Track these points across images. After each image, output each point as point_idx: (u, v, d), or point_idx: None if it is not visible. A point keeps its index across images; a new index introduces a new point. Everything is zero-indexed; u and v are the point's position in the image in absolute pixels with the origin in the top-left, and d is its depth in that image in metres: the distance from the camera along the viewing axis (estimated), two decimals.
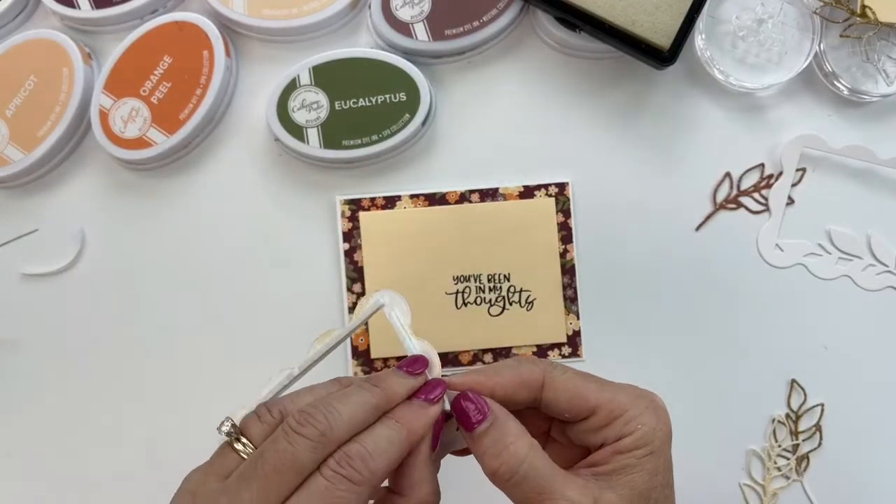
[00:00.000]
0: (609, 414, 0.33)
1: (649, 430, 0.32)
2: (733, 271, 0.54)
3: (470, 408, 0.33)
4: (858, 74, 0.52)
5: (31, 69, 0.53)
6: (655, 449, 0.32)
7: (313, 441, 0.31)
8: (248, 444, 0.32)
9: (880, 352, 0.53)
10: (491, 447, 0.33)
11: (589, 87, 0.54)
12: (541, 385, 0.34)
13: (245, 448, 0.32)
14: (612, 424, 0.33)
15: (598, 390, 0.34)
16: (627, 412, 0.33)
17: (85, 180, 0.55)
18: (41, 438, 0.54)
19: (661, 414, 0.33)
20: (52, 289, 0.54)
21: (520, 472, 0.32)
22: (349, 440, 0.32)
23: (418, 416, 0.34)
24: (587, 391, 0.33)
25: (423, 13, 0.52)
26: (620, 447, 0.32)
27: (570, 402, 0.34)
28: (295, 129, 0.52)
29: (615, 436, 0.33)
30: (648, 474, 0.32)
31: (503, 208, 0.53)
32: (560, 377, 0.34)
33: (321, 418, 0.31)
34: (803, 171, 0.54)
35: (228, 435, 0.33)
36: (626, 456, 0.32)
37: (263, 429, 0.33)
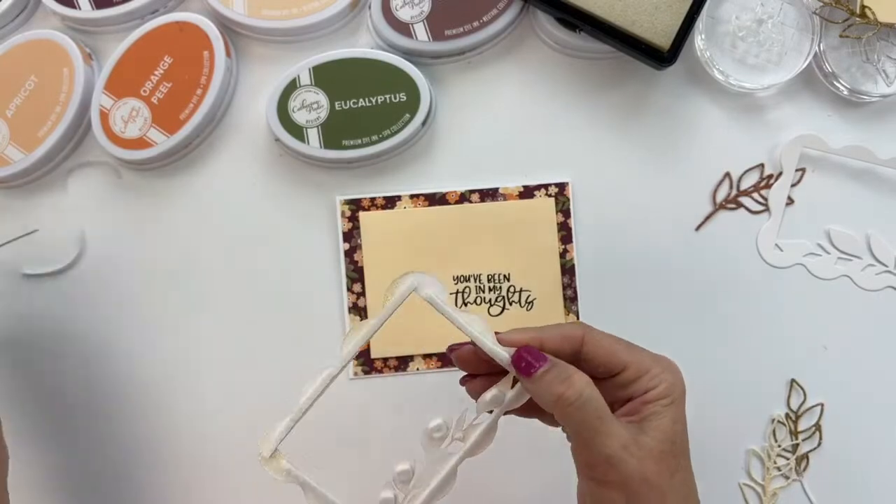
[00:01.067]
0: (637, 371, 0.38)
1: (670, 384, 0.38)
2: (733, 271, 0.54)
3: (529, 358, 0.38)
4: (858, 75, 0.52)
5: (32, 69, 0.53)
6: (675, 399, 0.38)
7: None
8: None
9: (880, 352, 0.53)
10: (555, 379, 0.37)
11: (589, 87, 0.54)
12: (581, 341, 0.39)
13: None
14: (639, 380, 0.38)
15: (627, 351, 0.39)
16: (651, 370, 0.38)
17: (85, 180, 0.55)
18: (41, 438, 0.54)
19: (677, 372, 0.39)
20: (52, 289, 0.54)
21: (584, 396, 0.36)
22: None
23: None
24: (619, 350, 0.39)
25: (423, 13, 0.52)
26: (648, 398, 0.38)
27: (606, 357, 0.38)
28: (295, 130, 0.52)
29: (643, 389, 0.38)
30: (671, 420, 0.37)
31: (503, 208, 0.53)
32: (598, 335, 0.39)
33: None
34: (803, 171, 0.54)
35: None
36: (654, 405, 0.37)
37: None
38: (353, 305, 0.53)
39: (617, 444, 0.36)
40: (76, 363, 0.54)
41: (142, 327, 0.54)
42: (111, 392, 0.54)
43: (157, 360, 0.54)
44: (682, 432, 0.38)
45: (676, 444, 0.38)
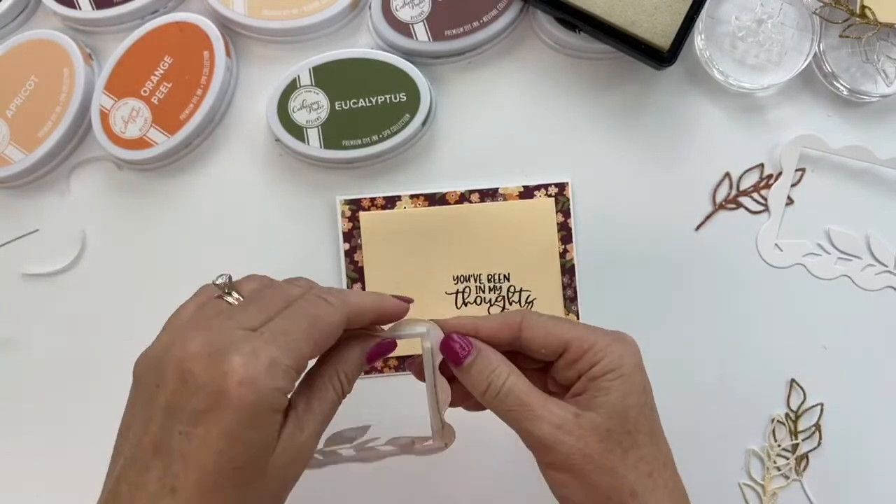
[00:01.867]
0: (580, 347, 0.37)
1: (616, 356, 0.36)
2: (733, 271, 0.54)
3: (456, 346, 0.37)
4: (858, 75, 0.52)
5: (32, 69, 0.53)
6: (625, 373, 0.36)
7: (301, 288, 0.36)
8: (239, 296, 0.36)
9: (880, 352, 0.53)
10: (478, 373, 0.37)
11: (589, 87, 0.54)
12: (519, 326, 0.38)
13: (237, 299, 0.36)
14: (583, 357, 0.37)
15: (569, 328, 0.38)
16: (596, 344, 0.37)
17: (85, 180, 0.55)
18: (41, 438, 0.54)
19: (628, 344, 0.37)
20: (52, 289, 0.54)
21: (504, 388, 0.36)
22: None
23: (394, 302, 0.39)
24: (560, 329, 0.37)
25: (423, 14, 0.52)
26: (592, 374, 0.36)
27: (545, 339, 0.37)
28: (295, 130, 0.52)
29: (587, 365, 0.37)
30: (622, 394, 0.36)
31: (503, 208, 0.53)
32: (537, 319, 0.38)
33: (310, 281, 0.37)
34: (803, 171, 0.54)
35: (222, 287, 0.36)
36: (599, 380, 0.36)
37: (256, 286, 0.37)
38: None
39: (548, 426, 0.35)
40: (76, 363, 0.54)
41: (142, 327, 0.54)
42: (111, 392, 0.54)
43: None
44: (636, 406, 0.36)
45: (629, 420, 0.36)
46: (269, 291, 0.35)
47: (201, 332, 0.32)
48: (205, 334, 0.32)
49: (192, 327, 0.34)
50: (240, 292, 0.36)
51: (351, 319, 0.36)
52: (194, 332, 0.32)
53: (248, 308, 0.34)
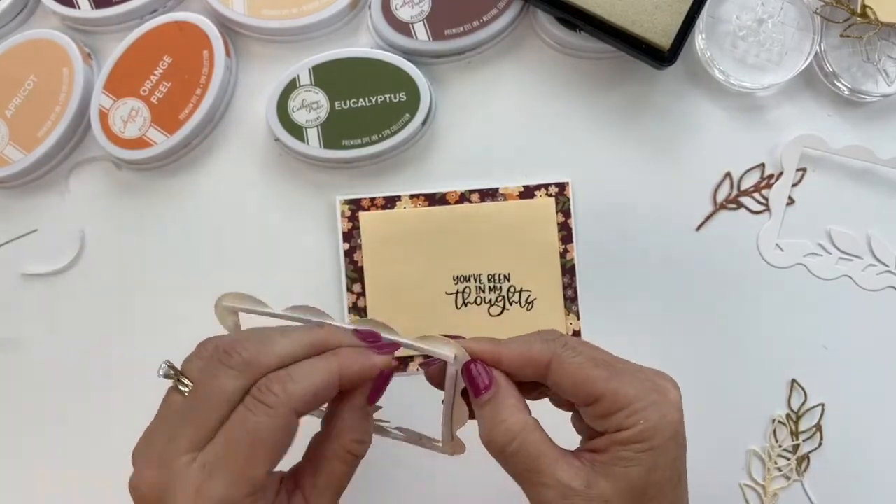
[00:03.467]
0: (612, 404, 0.32)
1: (650, 426, 0.32)
2: (733, 271, 0.54)
3: (475, 377, 0.34)
4: (859, 74, 0.52)
5: (31, 69, 0.53)
6: (656, 445, 0.32)
7: (236, 370, 0.32)
8: (188, 383, 0.33)
9: (881, 352, 0.53)
10: (489, 419, 0.34)
11: (589, 87, 0.54)
12: (548, 366, 0.34)
13: (186, 388, 0.33)
14: (614, 415, 0.32)
15: (606, 379, 0.33)
16: (631, 405, 0.32)
17: (85, 180, 0.55)
18: (41, 438, 0.54)
19: (669, 410, 0.33)
20: (52, 289, 0.54)
21: (511, 447, 0.33)
22: None
23: (357, 356, 0.34)
24: (594, 379, 0.33)
25: (423, 13, 0.52)
26: (618, 438, 0.32)
27: (575, 388, 0.33)
28: (295, 129, 0.52)
29: (615, 427, 0.32)
30: (646, 470, 0.32)
31: (503, 208, 0.53)
32: (569, 361, 0.33)
33: (249, 346, 0.32)
34: (804, 171, 0.54)
35: (167, 377, 0.34)
36: (624, 448, 0.32)
37: (200, 365, 0.33)
38: (353, 305, 0.53)
39: (555, 494, 0.32)
40: (76, 363, 0.54)
41: (142, 327, 0.54)
42: (111, 392, 0.54)
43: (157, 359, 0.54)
44: (658, 483, 0.32)
45: (647, 497, 0.32)
46: (204, 392, 0.32)
47: (152, 464, 0.32)
48: (153, 470, 0.31)
49: (147, 455, 0.33)
50: (190, 377, 0.34)
51: (309, 406, 0.32)
52: (147, 464, 0.32)
53: (186, 420, 0.32)
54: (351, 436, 0.34)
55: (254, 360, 0.32)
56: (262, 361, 0.32)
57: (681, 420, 0.33)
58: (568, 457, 0.33)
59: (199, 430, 0.31)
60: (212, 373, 0.32)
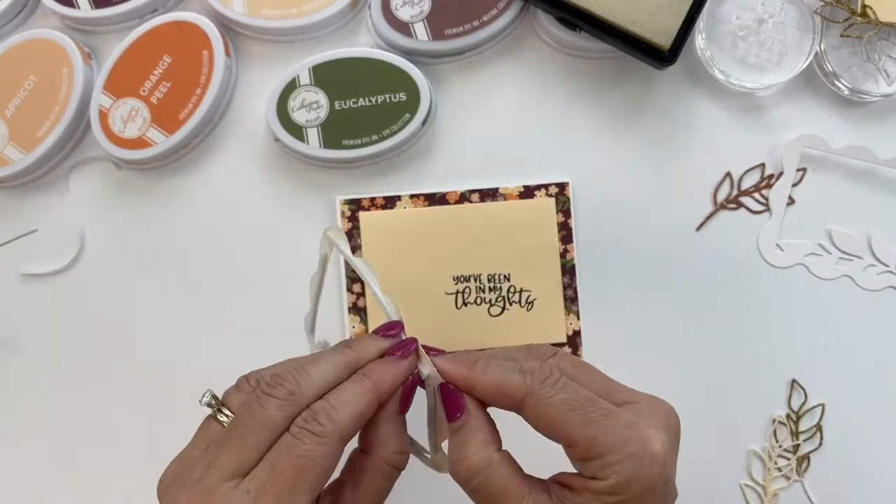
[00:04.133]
0: (586, 452, 0.32)
1: (623, 480, 0.31)
2: (734, 271, 0.53)
3: (449, 401, 0.35)
4: (859, 74, 0.52)
5: (31, 69, 0.52)
6: (628, 499, 0.31)
7: (282, 400, 0.33)
8: (229, 413, 0.34)
9: (881, 352, 0.53)
10: (454, 451, 0.34)
11: (589, 87, 0.54)
12: (521, 402, 0.33)
13: (227, 418, 0.34)
14: (587, 462, 0.32)
15: (581, 425, 0.32)
16: (605, 457, 0.31)
17: (85, 180, 0.55)
18: (40, 438, 0.54)
19: (648, 463, 0.31)
20: (52, 289, 0.54)
21: (473, 483, 0.33)
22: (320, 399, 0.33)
23: (385, 369, 0.35)
24: (568, 424, 0.32)
25: (423, 13, 0.52)
26: (591, 487, 0.31)
27: (548, 429, 0.33)
28: (295, 129, 0.52)
29: (590, 474, 0.32)
30: None
31: (503, 208, 0.53)
32: (544, 401, 0.32)
33: (290, 379, 0.33)
34: (804, 171, 0.54)
35: (209, 406, 0.35)
36: (595, 498, 0.31)
37: (242, 397, 0.34)
38: (353, 305, 0.53)
39: None
40: (76, 363, 0.54)
41: (142, 327, 0.54)
42: (111, 392, 0.54)
43: (157, 360, 0.54)
44: None
45: None
46: (249, 420, 0.33)
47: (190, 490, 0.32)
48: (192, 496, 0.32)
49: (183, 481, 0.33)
50: (230, 408, 0.34)
51: (353, 431, 0.33)
52: (183, 490, 0.32)
53: (228, 447, 0.32)
54: (391, 448, 0.35)
55: (296, 390, 0.33)
56: (305, 393, 0.33)
57: (660, 473, 0.31)
58: (536, 491, 0.33)
59: (243, 457, 0.32)
60: (257, 403, 0.33)
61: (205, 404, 0.35)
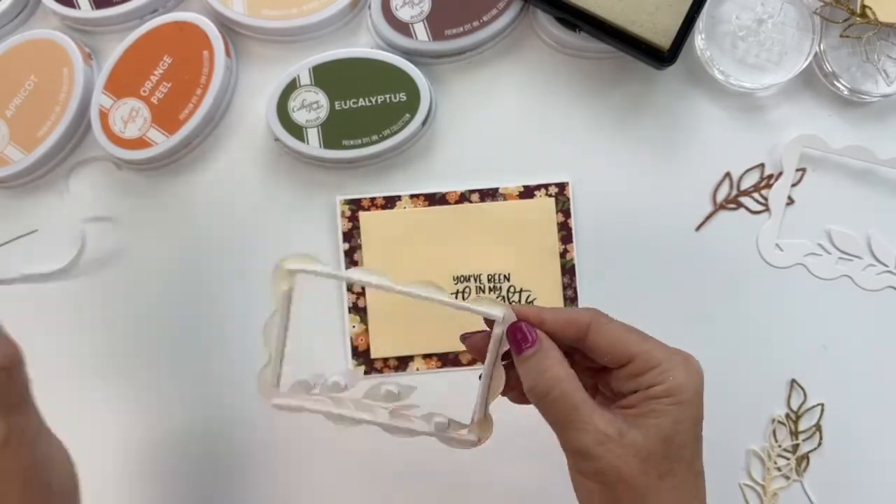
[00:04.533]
0: (645, 364, 0.36)
1: (679, 382, 0.35)
2: (733, 271, 0.54)
3: (521, 335, 0.37)
4: (858, 74, 0.52)
5: (32, 69, 0.53)
6: (683, 400, 0.35)
7: None
8: None
9: (880, 352, 0.53)
10: (533, 368, 0.36)
11: (589, 87, 0.54)
12: (587, 327, 0.37)
13: None
14: (646, 374, 0.36)
15: (638, 342, 0.36)
16: (661, 364, 0.36)
17: (85, 180, 0.55)
18: None
19: (693, 372, 0.36)
20: (53, 289, 0.54)
21: (553, 392, 0.35)
22: None
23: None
24: (628, 340, 0.36)
25: (423, 13, 0.52)
26: (651, 394, 0.35)
27: (612, 347, 0.36)
28: (295, 129, 0.52)
29: (647, 384, 0.35)
30: (674, 421, 0.35)
31: (503, 208, 0.53)
32: (606, 324, 0.37)
33: None
34: (803, 171, 0.54)
35: None
36: (655, 402, 0.35)
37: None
38: (353, 305, 0.53)
39: (591, 439, 0.34)
40: (76, 363, 0.54)
41: (141, 327, 0.54)
42: (111, 392, 0.54)
43: (157, 359, 0.54)
44: (685, 433, 0.35)
45: (673, 447, 0.35)
46: None
47: None
48: None
49: None
50: None
51: None
52: None
53: None
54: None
55: None
56: None
57: (702, 382, 0.37)
58: (602, 408, 0.36)
59: None
60: None
61: None
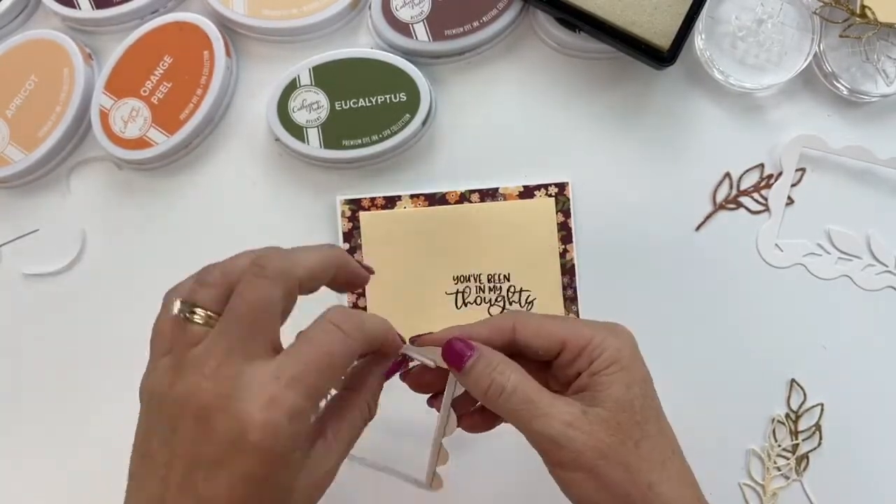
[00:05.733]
0: (576, 345, 0.36)
1: (614, 350, 0.36)
2: (733, 271, 0.54)
3: (457, 347, 0.37)
4: (858, 74, 0.52)
5: (32, 69, 0.53)
6: (625, 365, 0.36)
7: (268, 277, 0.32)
8: (205, 310, 0.33)
9: (880, 352, 0.53)
10: (481, 374, 0.36)
11: (589, 87, 0.54)
12: (512, 328, 0.37)
13: (204, 312, 0.33)
14: (581, 354, 0.36)
15: (563, 326, 0.37)
16: (592, 340, 0.36)
17: (85, 180, 0.55)
18: (41, 438, 0.54)
19: (623, 335, 0.37)
20: (52, 289, 0.54)
21: (507, 388, 0.35)
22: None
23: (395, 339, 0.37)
24: (553, 328, 0.37)
25: (423, 13, 0.52)
26: (592, 369, 0.36)
27: (540, 339, 0.37)
28: (295, 129, 0.52)
29: (587, 362, 0.36)
30: (624, 386, 0.36)
31: (503, 208, 0.53)
32: (528, 319, 0.38)
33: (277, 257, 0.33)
34: (803, 171, 0.54)
35: (181, 311, 0.34)
36: (600, 375, 0.36)
37: (212, 292, 0.34)
38: (353, 306, 0.53)
39: (558, 423, 0.34)
40: (76, 363, 0.54)
41: (141, 327, 0.54)
42: (111, 392, 0.54)
43: None
44: (641, 396, 0.36)
45: (636, 411, 0.35)
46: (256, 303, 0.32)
47: (209, 375, 0.31)
48: (214, 380, 0.30)
49: (195, 365, 0.31)
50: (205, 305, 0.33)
51: (363, 349, 0.34)
52: (201, 377, 0.31)
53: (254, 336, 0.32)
54: (371, 393, 0.37)
55: (287, 270, 0.33)
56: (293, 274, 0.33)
57: (635, 343, 0.37)
58: (558, 395, 0.36)
59: (261, 341, 0.32)
60: (254, 286, 0.32)
61: (177, 311, 0.34)
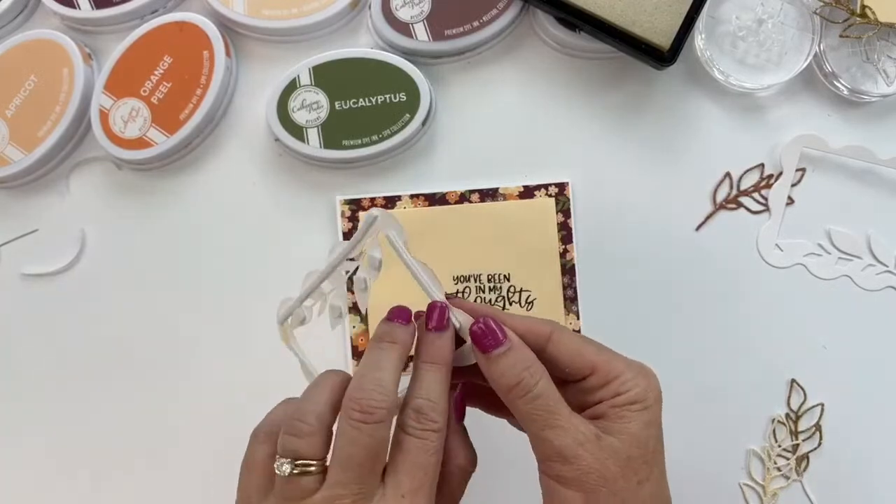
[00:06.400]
0: (606, 375, 0.36)
1: (642, 390, 0.35)
2: (733, 271, 0.54)
3: (489, 332, 0.36)
4: (858, 74, 0.52)
5: (32, 69, 0.53)
6: (649, 405, 0.35)
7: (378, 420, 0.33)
8: (309, 461, 0.34)
9: (880, 352, 0.53)
10: (510, 367, 0.35)
11: (589, 87, 0.54)
12: (547, 338, 0.37)
13: (309, 464, 0.34)
14: (608, 385, 0.36)
15: (597, 353, 0.36)
16: (623, 374, 0.36)
17: (85, 180, 0.55)
18: (41, 438, 0.54)
19: (652, 379, 0.37)
20: (52, 289, 0.54)
21: (534, 391, 0.35)
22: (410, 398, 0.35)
23: (440, 345, 0.36)
24: (587, 352, 0.36)
25: (423, 13, 0.52)
26: (617, 402, 0.35)
27: (572, 359, 0.36)
28: (295, 129, 0.52)
29: (611, 394, 0.36)
30: (644, 424, 0.35)
31: (503, 208, 0.53)
32: (566, 336, 0.37)
33: (376, 395, 0.34)
34: (803, 171, 0.54)
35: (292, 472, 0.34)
36: (622, 409, 0.35)
37: (315, 440, 0.34)
38: (353, 305, 0.53)
39: (571, 439, 0.34)
40: (76, 363, 0.54)
41: (141, 327, 0.54)
42: (111, 392, 0.54)
43: (156, 360, 0.54)
44: (655, 438, 0.36)
45: (648, 450, 0.35)
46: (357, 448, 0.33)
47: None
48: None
49: None
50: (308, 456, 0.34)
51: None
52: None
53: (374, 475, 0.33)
54: (464, 455, 0.37)
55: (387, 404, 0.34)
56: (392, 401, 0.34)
57: (660, 390, 0.37)
58: (576, 414, 0.36)
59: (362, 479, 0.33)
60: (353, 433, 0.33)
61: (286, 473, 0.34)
